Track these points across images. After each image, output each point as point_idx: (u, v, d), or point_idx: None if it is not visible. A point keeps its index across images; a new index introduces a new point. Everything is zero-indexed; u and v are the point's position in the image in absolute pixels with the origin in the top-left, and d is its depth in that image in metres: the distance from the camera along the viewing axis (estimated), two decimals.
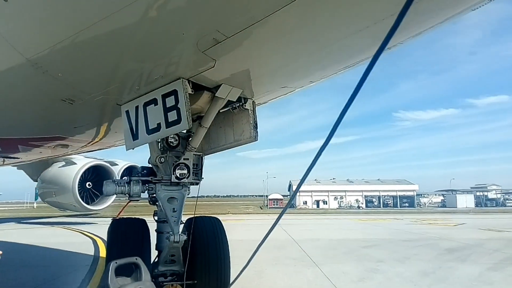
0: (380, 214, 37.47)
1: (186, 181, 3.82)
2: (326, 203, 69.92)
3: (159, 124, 3.43)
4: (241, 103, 4.02)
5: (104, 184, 3.98)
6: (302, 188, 68.94)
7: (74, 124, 4.50)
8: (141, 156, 4.75)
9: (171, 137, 3.85)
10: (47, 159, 14.03)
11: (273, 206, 64.31)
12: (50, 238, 14.26)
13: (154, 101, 3.48)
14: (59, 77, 3.25)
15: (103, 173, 17.83)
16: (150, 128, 3.51)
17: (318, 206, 68.62)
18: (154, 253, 4.23)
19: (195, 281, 4.02)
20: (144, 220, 4.25)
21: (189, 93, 3.33)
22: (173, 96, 3.32)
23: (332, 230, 19.66)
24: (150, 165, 4.10)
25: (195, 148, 3.96)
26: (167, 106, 3.37)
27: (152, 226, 4.33)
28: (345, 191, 72.07)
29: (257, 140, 4.04)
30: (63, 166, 17.75)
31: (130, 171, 16.94)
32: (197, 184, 4.10)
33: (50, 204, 20.19)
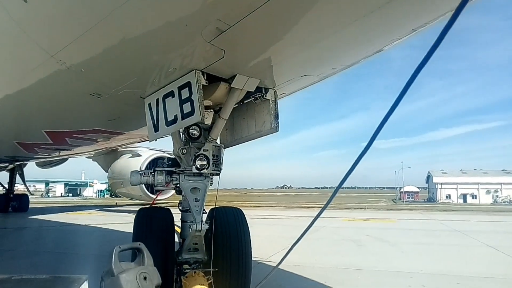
0: None
1: (206, 171, 3.86)
2: (475, 198, 60.07)
3: (176, 116, 3.49)
4: (262, 94, 3.97)
5: (130, 174, 4.18)
6: (446, 179, 62.19)
7: (108, 118, 4.76)
8: None
9: (192, 129, 3.90)
10: (106, 150, 15.04)
11: (408, 199, 57.88)
12: None
13: (171, 94, 3.55)
14: (82, 73, 3.44)
15: None
16: (168, 120, 3.59)
17: (465, 200, 58.96)
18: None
19: (217, 269, 4.09)
20: (169, 209, 4.39)
21: (204, 85, 3.35)
22: (187, 88, 3.36)
23: None
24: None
25: (215, 139, 3.99)
26: (182, 98, 3.42)
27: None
28: (500, 183, 60.04)
29: (277, 131, 3.97)
30: (129, 157, 18.45)
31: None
32: (217, 175, 4.14)
33: (120, 194, 21.25)
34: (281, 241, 10.07)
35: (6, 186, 20.37)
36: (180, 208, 4.29)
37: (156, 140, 3.94)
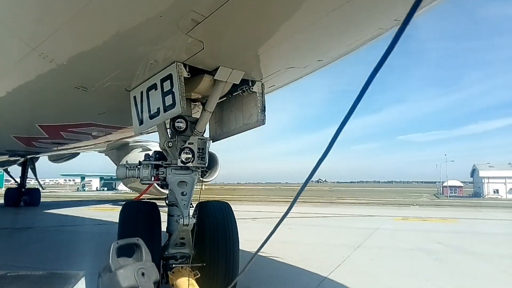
0: None
1: (191, 165, 3.83)
2: None
3: (158, 109, 3.46)
4: (249, 86, 3.91)
5: (116, 168, 4.16)
6: (493, 173, 57.65)
7: (97, 111, 4.75)
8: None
9: (178, 122, 3.86)
10: (112, 143, 15.14)
11: (452, 194, 54.41)
12: None
13: (154, 86, 3.52)
14: (65, 66, 3.43)
15: None
16: (151, 113, 3.56)
17: None
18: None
19: (204, 264, 4.06)
20: (155, 203, 4.37)
21: (186, 77, 3.31)
22: (169, 81, 3.33)
23: None
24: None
25: (201, 132, 3.95)
26: (165, 91, 3.39)
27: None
28: None
29: (264, 123, 3.92)
30: (140, 152, 18.22)
31: None
32: (203, 168, 4.10)
33: (131, 189, 21.20)
34: (332, 250, 8.13)
35: (19, 180, 20.60)
36: (167, 202, 4.26)
37: (141, 134, 3.92)
